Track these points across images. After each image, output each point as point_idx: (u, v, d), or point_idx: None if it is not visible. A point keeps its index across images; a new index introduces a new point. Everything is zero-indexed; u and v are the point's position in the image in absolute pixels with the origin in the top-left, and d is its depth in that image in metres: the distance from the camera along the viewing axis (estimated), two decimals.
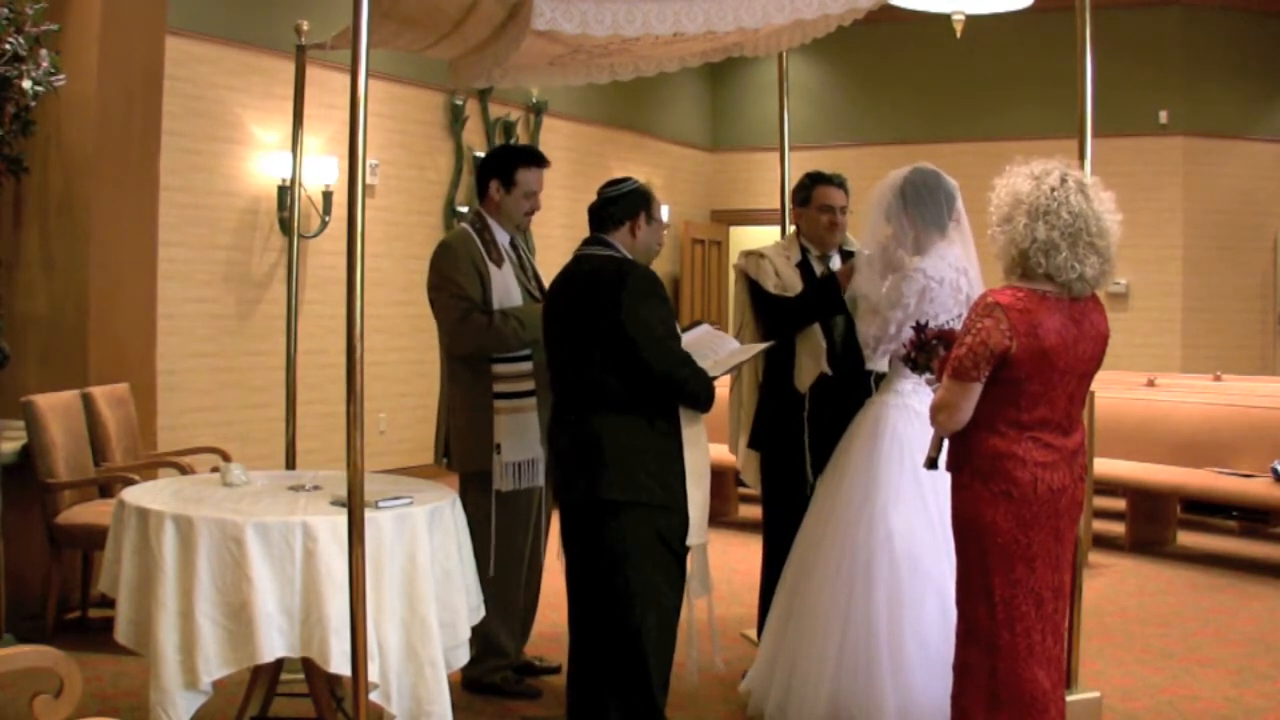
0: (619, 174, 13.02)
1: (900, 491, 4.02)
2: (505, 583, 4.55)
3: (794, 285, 4.62)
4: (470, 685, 4.55)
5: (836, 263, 4.70)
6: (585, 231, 3.99)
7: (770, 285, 4.63)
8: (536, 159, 4.71)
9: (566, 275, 3.95)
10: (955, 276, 4.10)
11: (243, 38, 7.99)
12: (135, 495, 3.63)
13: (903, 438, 4.07)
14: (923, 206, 4.13)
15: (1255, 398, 7.76)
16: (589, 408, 3.78)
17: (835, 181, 4.74)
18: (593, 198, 3.99)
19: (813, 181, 4.75)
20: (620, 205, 3.93)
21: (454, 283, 4.50)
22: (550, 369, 4.00)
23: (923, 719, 3.83)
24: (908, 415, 4.10)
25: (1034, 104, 11.30)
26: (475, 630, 4.51)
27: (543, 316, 4.03)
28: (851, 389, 4.46)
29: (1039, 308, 3.24)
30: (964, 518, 3.36)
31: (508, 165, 4.67)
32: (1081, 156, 3.97)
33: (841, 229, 4.73)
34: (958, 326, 3.69)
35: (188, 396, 7.59)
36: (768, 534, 4.82)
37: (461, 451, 4.57)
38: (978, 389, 3.25)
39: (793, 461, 4.63)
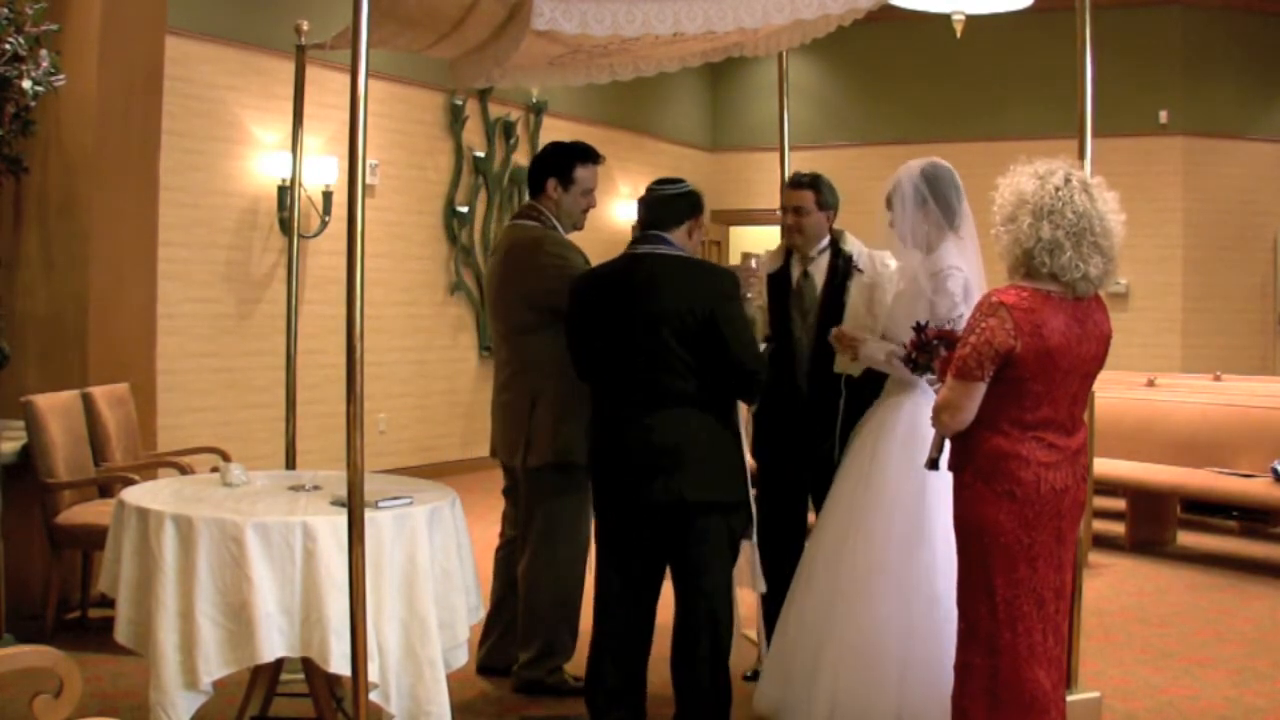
0: (619, 174, 12.89)
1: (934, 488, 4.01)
2: (575, 580, 4.53)
3: (760, 300, 4.71)
4: (527, 688, 4.50)
5: (821, 265, 4.64)
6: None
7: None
8: (593, 156, 4.65)
9: (629, 270, 3.87)
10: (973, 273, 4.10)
11: (243, 38, 7.99)
12: (135, 495, 3.63)
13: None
14: (945, 200, 4.10)
15: (1255, 398, 7.76)
16: (665, 406, 3.76)
17: (797, 182, 4.65)
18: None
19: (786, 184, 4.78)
20: (682, 203, 3.92)
21: (574, 264, 4.38)
22: (595, 364, 3.92)
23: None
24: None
25: (1034, 104, 11.29)
26: (538, 631, 4.47)
27: (584, 311, 3.94)
28: (820, 394, 4.49)
29: (1043, 307, 3.23)
30: (966, 518, 3.35)
31: (566, 162, 4.59)
32: (1081, 156, 3.97)
33: (801, 230, 4.60)
34: (958, 326, 3.70)
35: (188, 396, 7.59)
36: (765, 537, 4.85)
37: (553, 444, 4.42)
38: (982, 388, 3.24)
39: (785, 467, 4.66)
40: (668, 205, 3.91)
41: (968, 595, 3.38)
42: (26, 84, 5.30)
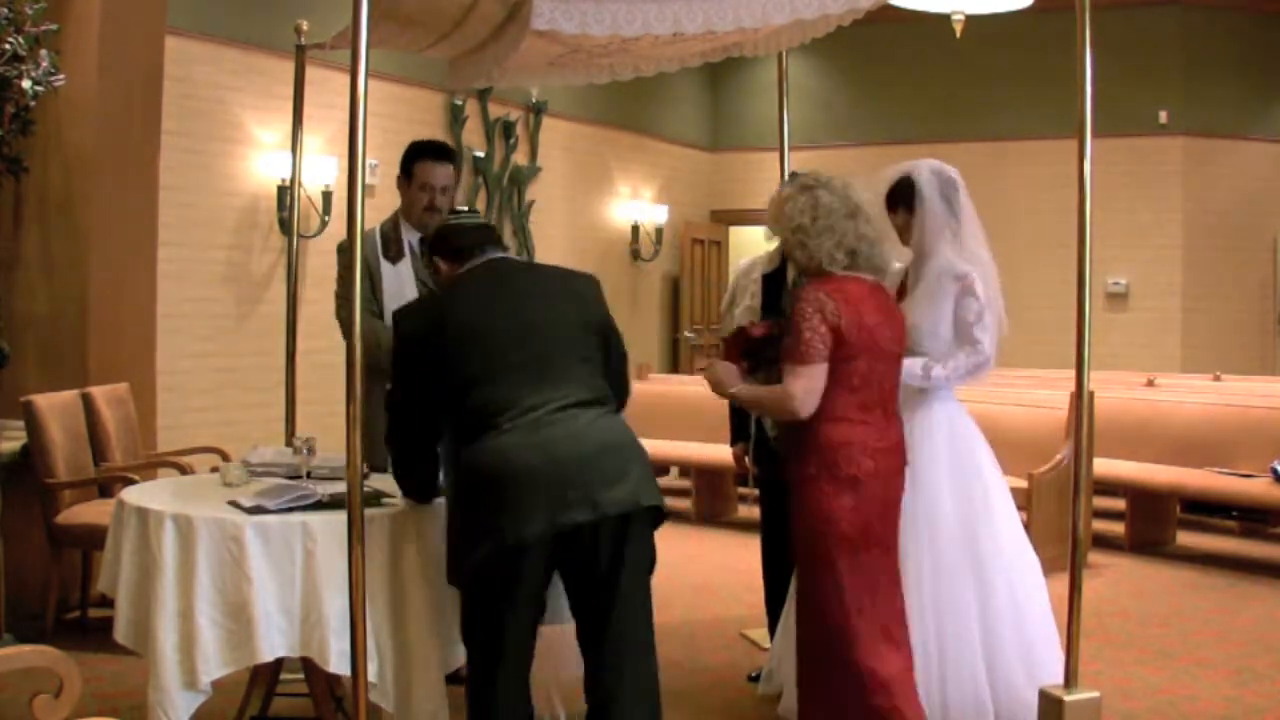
0: (619, 174, 12.84)
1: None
2: None
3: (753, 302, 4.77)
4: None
5: None
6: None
7: (723, 307, 4.98)
8: (433, 153, 4.66)
9: (511, 273, 3.48)
10: None
11: (243, 38, 7.99)
12: (135, 495, 3.63)
13: (959, 434, 4.09)
14: (957, 201, 4.11)
15: (1255, 398, 7.76)
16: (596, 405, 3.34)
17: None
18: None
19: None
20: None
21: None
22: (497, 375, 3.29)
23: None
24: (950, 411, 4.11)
25: (1034, 104, 11.29)
26: None
27: (516, 311, 3.38)
28: None
29: (853, 287, 3.55)
30: (813, 510, 3.52)
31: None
32: (1081, 156, 3.96)
33: None
34: (979, 328, 3.96)
35: (188, 396, 7.59)
36: (766, 537, 4.86)
37: None
38: (825, 369, 3.46)
39: (782, 466, 4.66)
40: (489, 227, 3.63)
41: (814, 589, 3.54)
42: (26, 84, 5.30)
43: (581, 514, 3.12)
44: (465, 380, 3.25)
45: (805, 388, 3.44)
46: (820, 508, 3.49)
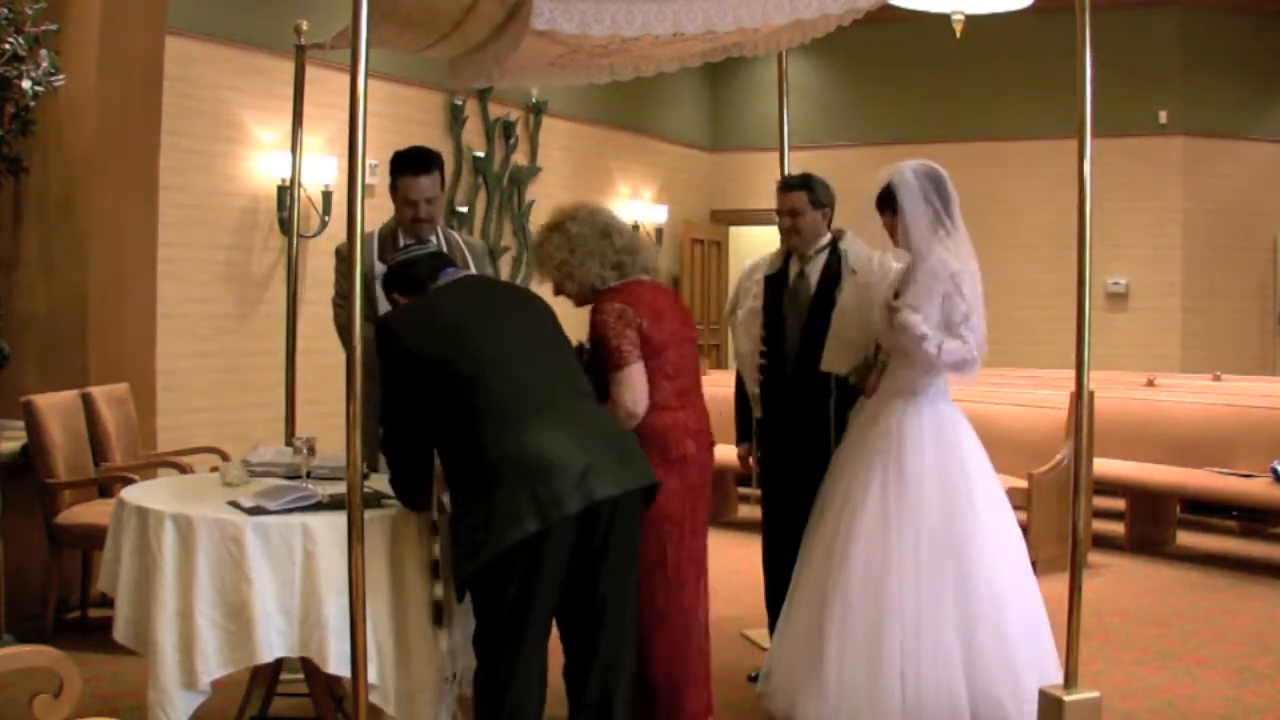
0: (619, 174, 12.77)
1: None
2: None
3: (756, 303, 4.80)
4: None
5: (818, 264, 4.67)
6: None
7: (726, 309, 5.12)
8: (413, 165, 4.49)
9: (491, 284, 3.88)
10: None
11: (243, 38, 7.99)
12: (135, 495, 3.62)
13: (947, 437, 4.11)
14: (945, 200, 4.11)
15: (1255, 398, 7.76)
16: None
17: (789, 185, 4.73)
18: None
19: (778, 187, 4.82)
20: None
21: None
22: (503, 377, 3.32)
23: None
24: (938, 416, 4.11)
25: (1034, 104, 11.28)
26: None
27: (492, 308, 3.48)
28: (809, 392, 4.50)
29: (639, 288, 3.79)
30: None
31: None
32: (1081, 156, 3.96)
33: (799, 231, 4.66)
34: (969, 326, 4.02)
35: (188, 396, 7.59)
36: (767, 533, 4.85)
37: None
38: (643, 367, 3.67)
39: (783, 464, 4.66)
40: (442, 254, 3.79)
41: (645, 574, 3.64)
42: (26, 84, 5.30)
43: (608, 488, 3.21)
44: (465, 380, 3.25)
45: (633, 388, 3.65)
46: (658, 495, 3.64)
